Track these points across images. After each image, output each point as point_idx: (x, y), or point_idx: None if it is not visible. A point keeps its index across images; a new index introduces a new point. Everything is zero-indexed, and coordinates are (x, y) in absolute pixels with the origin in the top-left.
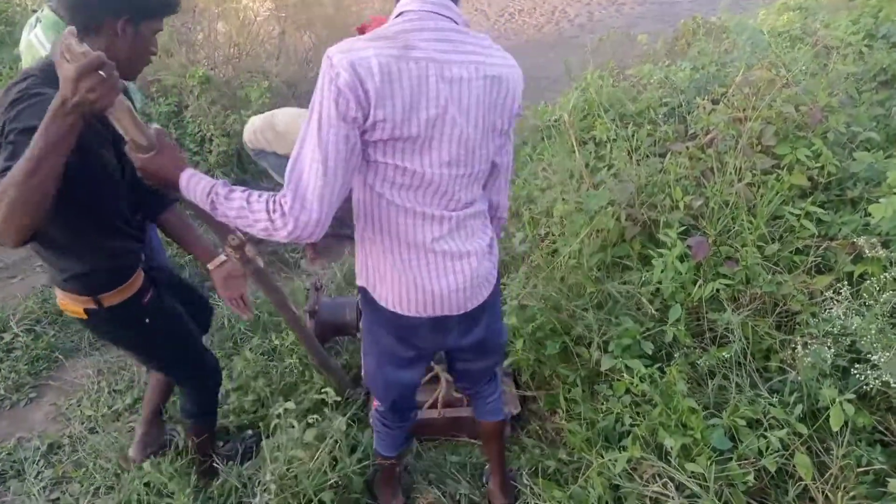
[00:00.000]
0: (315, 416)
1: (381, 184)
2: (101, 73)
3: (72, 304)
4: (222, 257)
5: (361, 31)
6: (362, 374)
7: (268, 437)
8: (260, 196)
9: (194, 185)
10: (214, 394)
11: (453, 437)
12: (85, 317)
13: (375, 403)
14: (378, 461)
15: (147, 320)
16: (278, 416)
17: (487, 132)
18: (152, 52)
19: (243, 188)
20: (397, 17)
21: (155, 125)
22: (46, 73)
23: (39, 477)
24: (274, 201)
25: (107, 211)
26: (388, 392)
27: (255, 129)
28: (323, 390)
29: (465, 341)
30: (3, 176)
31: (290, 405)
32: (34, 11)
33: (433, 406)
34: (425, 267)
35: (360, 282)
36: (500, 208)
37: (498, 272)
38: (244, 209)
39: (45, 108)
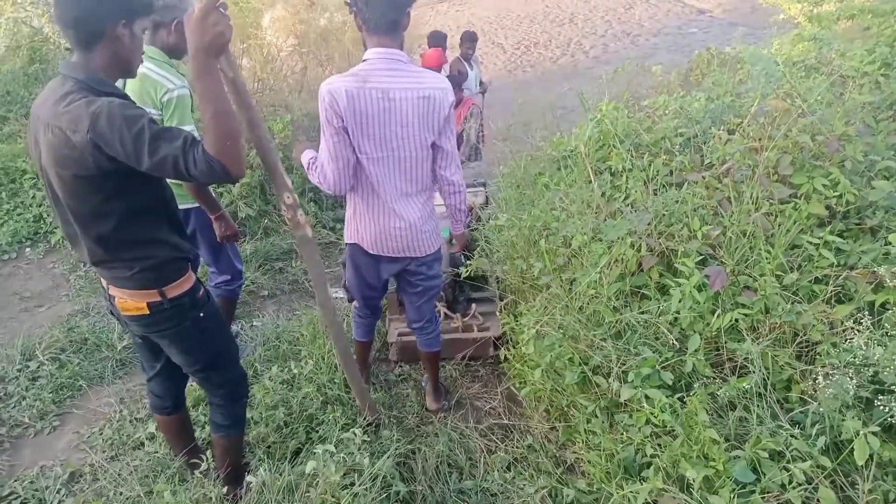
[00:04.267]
0: (342, 455)
1: (363, 164)
2: (220, 9)
3: (135, 301)
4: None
5: (423, 57)
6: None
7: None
8: (314, 165)
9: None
10: (243, 405)
11: (448, 358)
12: (147, 312)
13: (355, 305)
14: (355, 344)
15: (201, 314)
16: (314, 455)
17: (423, 131)
18: (143, 50)
19: (315, 157)
20: (363, 62)
21: None
22: (81, 86)
23: None
24: (318, 171)
25: (166, 205)
26: (358, 291)
27: None
28: (351, 430)
29: (407, 274)
30: (192, 147)
31: (331, 447)
32: (67, 50)
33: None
34: (384, 220)
35: (347, 239)
36: (452, 184)
37: (438, 258)
38: (308, 168)
39: (121, 99)
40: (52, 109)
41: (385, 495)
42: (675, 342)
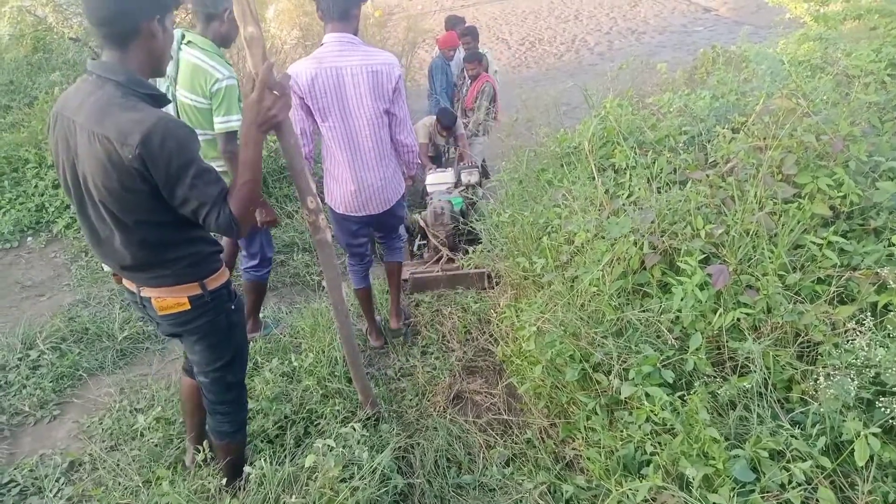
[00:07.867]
0: (341, 449)
1: (326, 135)
2: (275, 91)
3: (175, 298)
4: None
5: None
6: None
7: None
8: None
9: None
10: (246, 410)
11: (451, 289)
12: (189, 307)
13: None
14: (355, 293)
15: (233, 307)
16: (314, 449)
17: (376, 100)
18: (172, 47)
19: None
20: (321, 45)
21: None
22: (125, 91)
23: (59, 494)
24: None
25: None
26: (344, 241)
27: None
28: (351, 424)
29: (373, 226)
30: (222, 202)
31: (331, 442)
32: (71, 39)
33: (439, 269)
34: (348, 184)
35: (327, 201)
36: (406, 145)
37: (402, 200)
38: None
39: (158, 102)
40: (97, 117)
41: (384, 489)
42: (675, 341)
